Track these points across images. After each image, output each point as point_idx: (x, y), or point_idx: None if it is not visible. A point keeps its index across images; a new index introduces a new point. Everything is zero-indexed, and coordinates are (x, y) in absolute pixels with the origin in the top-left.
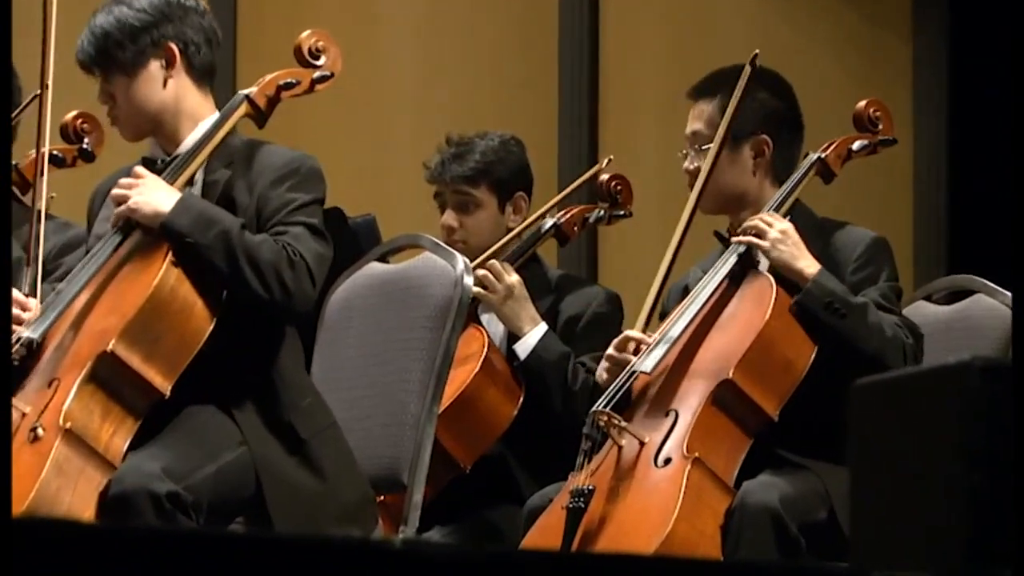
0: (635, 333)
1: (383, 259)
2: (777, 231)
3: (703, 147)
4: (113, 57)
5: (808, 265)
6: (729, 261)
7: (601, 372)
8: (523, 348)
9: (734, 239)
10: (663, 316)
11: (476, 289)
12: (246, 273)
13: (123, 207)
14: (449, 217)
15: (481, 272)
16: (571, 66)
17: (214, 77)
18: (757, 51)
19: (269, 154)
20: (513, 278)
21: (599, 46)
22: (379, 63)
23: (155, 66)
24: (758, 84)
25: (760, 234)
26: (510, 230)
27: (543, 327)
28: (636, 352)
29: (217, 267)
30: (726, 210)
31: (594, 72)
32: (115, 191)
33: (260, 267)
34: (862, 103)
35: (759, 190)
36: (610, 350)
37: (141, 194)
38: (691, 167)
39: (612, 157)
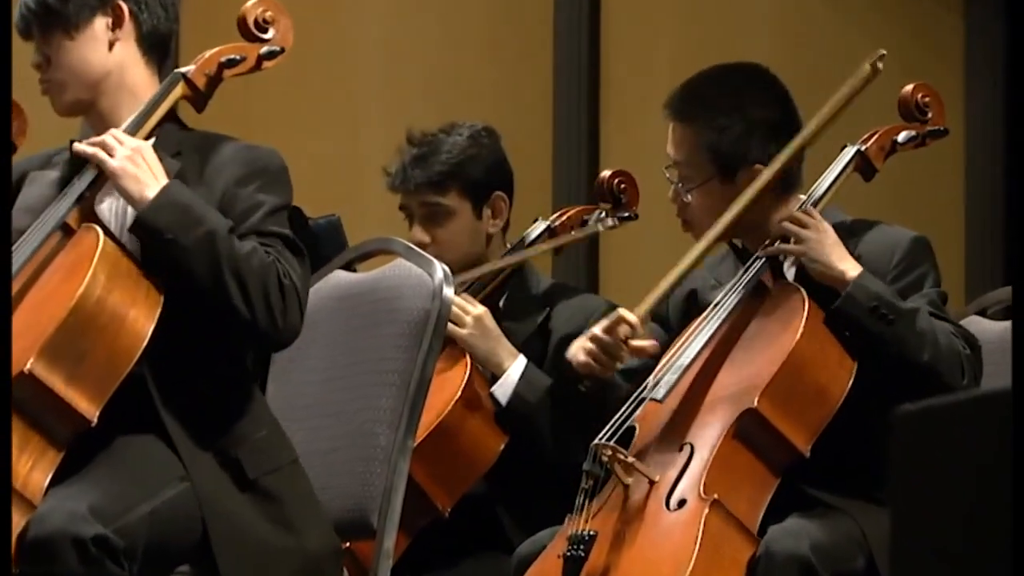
0: (630, 315)
1: (349, 267)
2: (814, 231)
3: (688, 188)
4: (53, 9)
5: (849, 267)
6: (754, 268)
7: (577, 353)
8: (503, 390)
9: (762, 251)
10: (661, 321)
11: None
12: (229, 286)
13: (105, 156)
14: (418, 231)
15: None
16: (568, 51)
17: (166, 55)
18: (883, 52)
19: (228, 146)
20: (480, 308)
21: (600, 26)
22: (345, 42)
23: (100, 25)
24: (743, 94)
25: (793, 237)
26: (489, 236)
27: (522, 360)
28: (625, 341)
29: (196, 274)
30: (733, 237)
31: (595, 55)
32: (105, 137)
33: (246, 282)
34: (908, 87)
35: (764, 217)
36: (597, 330)
37: (132, 160)
38: (677, 200)
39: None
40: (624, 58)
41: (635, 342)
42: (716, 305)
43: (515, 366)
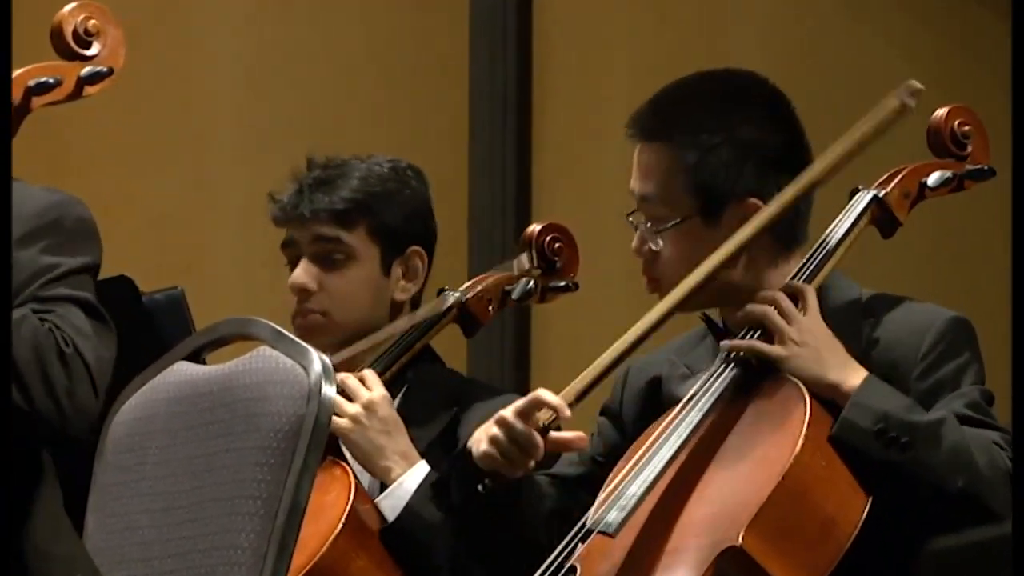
0: (551, 396)
1: (196, 357)
2: (797, 330)
3: (659, 228)
4: None
5: (846, 376)
6: (727, 375)
7: (480, 441)
8: (392, 503)
9: (726, 344)
10: (613, 416)
11: None
12: None
13: None
14: (304, 273)
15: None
16: (490, 66)
17: None
18: (919, 86)
19: (18, 192)
20: (375, 393)
21: (532, 32)
22: (193, 57)
23: None
24: (735, 108)
25: (770, 332)
26: (397, 304)
27: (422, 468)
28: (545, 431)
29: None
30: (710, 306)
31: (525, 73)
32: None
33: (17, 362)
34: (941, 112)
35: (754, 278)
36: (507, 413)
37: None
38: (643, 249)
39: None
40: (564, 76)
41: (557, 434)
42: (687, 405)
43: (411, 474)
